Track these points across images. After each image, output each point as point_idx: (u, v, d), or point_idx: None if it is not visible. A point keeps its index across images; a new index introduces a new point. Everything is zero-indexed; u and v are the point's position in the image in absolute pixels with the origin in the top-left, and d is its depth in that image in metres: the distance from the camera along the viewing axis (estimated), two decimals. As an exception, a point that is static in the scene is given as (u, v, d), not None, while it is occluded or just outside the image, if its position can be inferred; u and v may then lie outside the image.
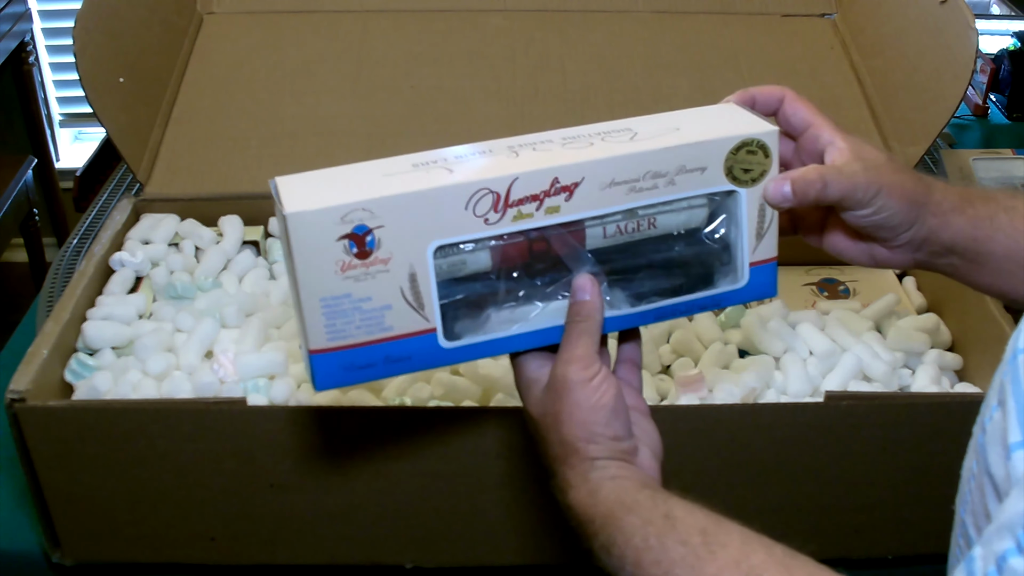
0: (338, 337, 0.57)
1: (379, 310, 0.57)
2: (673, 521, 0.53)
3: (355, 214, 0.55)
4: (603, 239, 0.61)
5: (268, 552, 0.82)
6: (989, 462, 0.47)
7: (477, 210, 0.57)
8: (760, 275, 0.63)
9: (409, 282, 0.57)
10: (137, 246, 0.99)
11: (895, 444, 0.78)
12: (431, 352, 0.59)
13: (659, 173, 0.60)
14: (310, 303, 0.56)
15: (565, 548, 0.82)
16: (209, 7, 1.24)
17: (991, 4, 1.84)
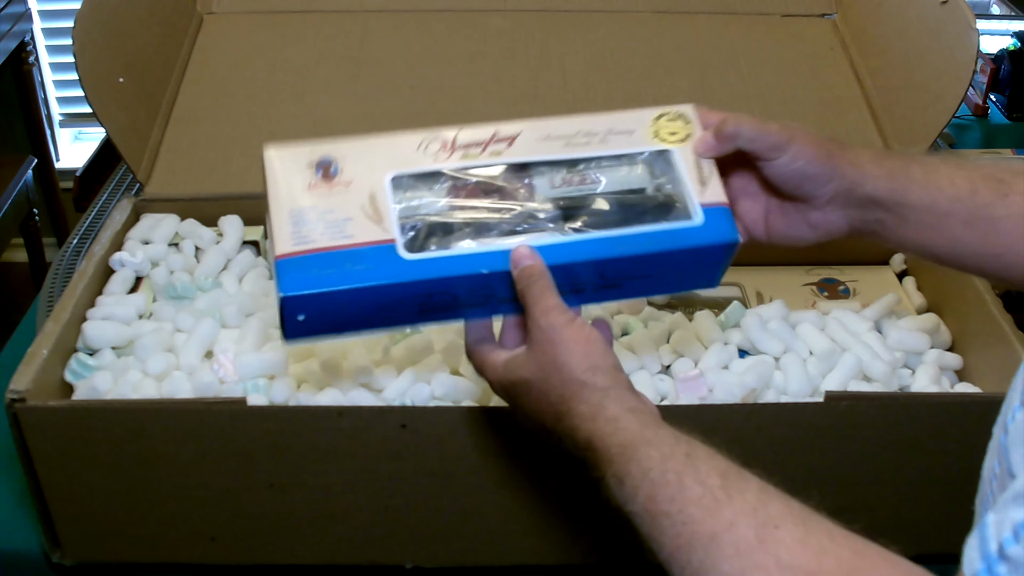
0: (302, 242, 0.61)
1: (341, 221, 0.62)
2: (693, 460, 0.53)
3: (321, 149, 0.65)
4: (551, 189, 0.65)
5: (268, 552, 0.82)
6: (1012, 462, 0.47)
7: (428, 150, 0.65)
8: (714, 216, 0.65)
9: (369, 200, 0.63)
10: (137, 246, 0.99)
11: (895, 444, 0.78)
12: (391, 262, 0.61)
13: (591, 132, 0.66)
14: (279, 215, 0.62)
15: (565, 548, 0.82)
16: (209, 7, 1.24)
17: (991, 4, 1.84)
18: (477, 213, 0.64)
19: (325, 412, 0.76)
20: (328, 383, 0.84)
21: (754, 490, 0.50)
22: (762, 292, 1.04)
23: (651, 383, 0.87)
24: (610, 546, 0.82)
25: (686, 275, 0.67)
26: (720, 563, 0.48)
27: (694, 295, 1.03)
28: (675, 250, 0.64)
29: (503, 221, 0.63)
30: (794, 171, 0.65)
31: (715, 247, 0.65)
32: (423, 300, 0.62)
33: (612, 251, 0.63)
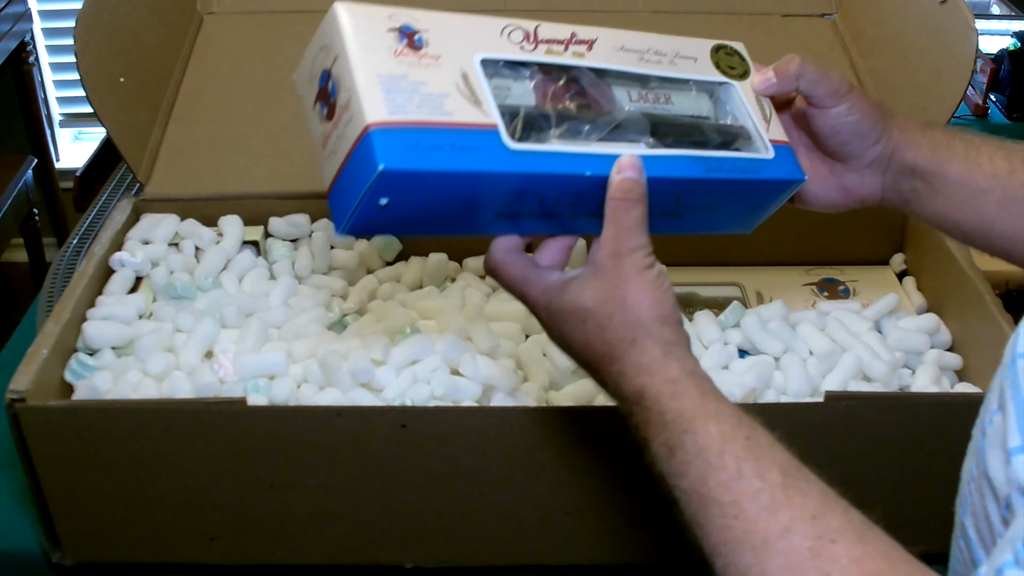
0: (399, 112, 0.53)
1: (437, 96, 0.54)
2: (755, 448, 0.49)
3: (400, 16, 0.56)
4: (630, 102, 0.62)
5: (268, 552, 0.82)
6: (988, 465, 0.47)
7: (512, 39, 0.59)
8: (782, 153, 0.64)
9: (462, 79, 0.56)
10: (137, 246, 0.99)
11: (895, 444, 0.78)
12: (497, 150, 0.55)
13: (660, 52, 0.64)
14: (367, 79, 0.53)
15: (565, 548, 0.82)
16: (209, 7, 1.24)
17: (991, 4, 1.84)
18: (568, 112, 0.60)
19: (325, 412, 0.76)
20: (328, 383, 0.84)
21: (815, 494, 0.47)
22: (762, 292, 1.04)
23: (651, 383, 0.87)
24: (610, 546, 0.82)
25: (739, 212, 0.66)
26: (770, 573, 0.45)
27: (694, 295, 1.03)
28: (749, 180, 0.62)
29: (594, 125, 0.60)
30: (847, 124, 0.64)
31: (783, 182, 0.64)
32: (512, 199, 0.57)
33: (696, 171, 0.61)
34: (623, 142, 0.60)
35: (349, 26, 0.56)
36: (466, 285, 1.00)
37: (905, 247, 1.07)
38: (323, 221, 1.05)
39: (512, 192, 0.56)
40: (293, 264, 1.02)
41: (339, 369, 0.83)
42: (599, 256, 0.57)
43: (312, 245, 1.03)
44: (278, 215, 1.05)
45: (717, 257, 1.07)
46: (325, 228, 1.04)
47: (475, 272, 1.04)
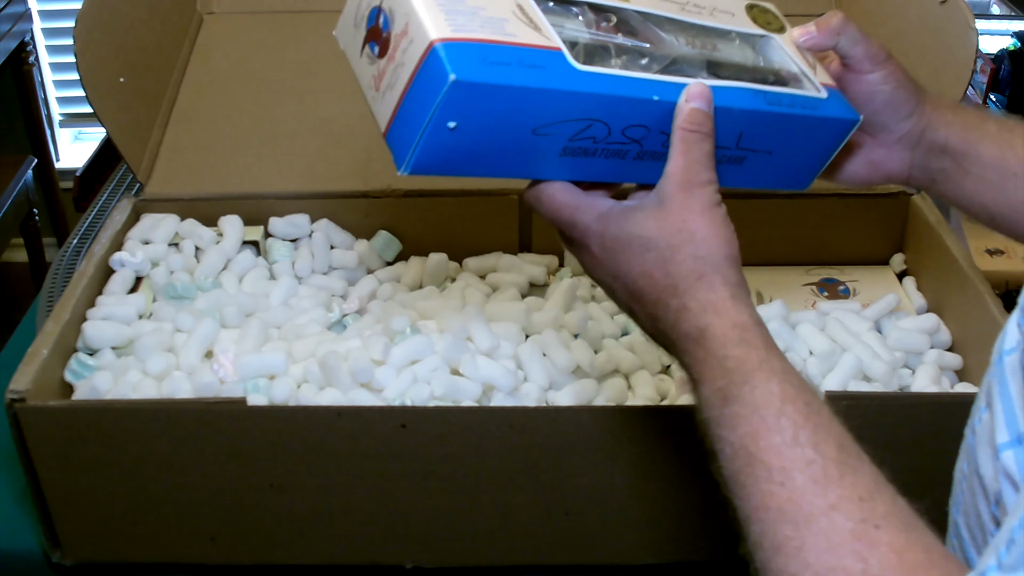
0: (462, 30, 0.51)
1: (496, 20, 0.53)
2: (815, 416, 0.47)
3: None
4: (683, 45, 0.61)
5: (268, 552, 0.82)
6: (979, 463, 0.46)
7: None
8: (834, 94, 0.62)
9: (517, 7, 0.55)
10: (137, 246, 0.99)
11: (895, 444, 0.78)
12: (564, 69, 0.53)
13: (699, 5, 0.63)
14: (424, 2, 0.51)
15: (565, 548, 0.82)
16: (209, 7, 1.24)
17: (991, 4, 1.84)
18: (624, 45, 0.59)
19: (325, 412, 0.76)
20: (328, 383, 0.84)
21: (868, 475, 0.45)
22: (762, 292, 1.04)
23: (651, 383, 0.87)
24: (610, 546, 0.82)
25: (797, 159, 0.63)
26: (807, 551, 0.43)
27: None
28: (809, 116, 0.61)
29: (652, 58, 0.59)
30: (881, 93, 0.62)
31: (841, 121, 0.62)
32: (580, 128, 0.54)
33: (758, 103, 0.59)
34: (684, 76, 0.58)
35: None
36: (466, 285, 1.00)
37: (905, 247, 1.08)
38: (323, 221, 1.05)
39: (581, 118, 0.54)
40: (293, 264, 1.02)
41: (339, 369, 0.83)
42: (667, 186, 0.54)
43: (312, 245, 1.03)
44: (278, 215, 1.05)
45: (717, 257, 1.07)
46: (325, 228, 1.04)
47: (475, 272, 1.04)
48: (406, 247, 1.06)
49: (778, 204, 1.06)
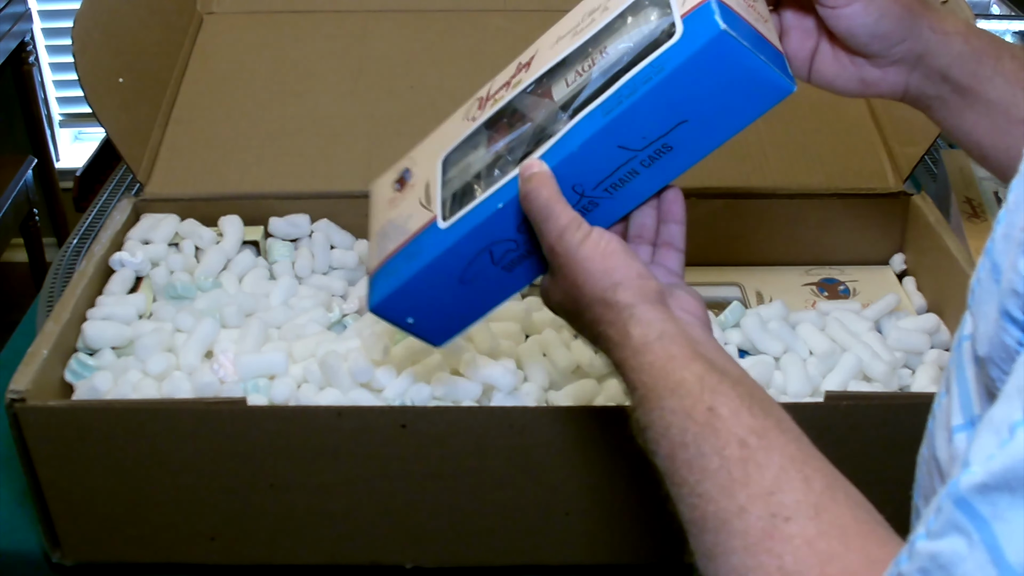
0: (382, 253, 0.66)
1: (405, 219, 0.65)
2: (715, 420, 0.47)
3: (403, 162, 0.70)
4: (567, 88, 0.60)
5: (268, 552, 0.82)
6: (936, 446, 0.47)
7: (468, 115, 0.66)
8: (695, 21, 0.55)
9: (424, 191, 0.66)
10: (137, 246, 0.99)
11: (895, 444, 0.78)
12: (435, 236, 0.62)
13: (593, 8, 0.62)
14: (372, 238, 0.69)
15: (565, 548, 0.82)
16: (209, 7, 1.24)
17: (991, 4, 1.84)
18: (503, 152, 0.62)
19: (325, 412, 0.76)
20: (328, 383, 0.84)
21: (774, 466, 0.45)
22: (762, 292, 1.04)
23: (651, 383, 0.87)
24: (610, 546, 0.82)
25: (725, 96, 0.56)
26: (729, 555, 0.44)
27: (694, 295, 1.03)
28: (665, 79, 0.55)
29: (519, 148, 0.60)
30: (863, 26, 0.58)
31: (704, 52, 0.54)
32: (488, 258, 0.62)
33: (607, 116, 0.56)
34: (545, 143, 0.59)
35: (372, 201, 0.71)
36: (466, 285, 1.00)
37: (905, 247, 1.07)
38: (323, 221, 1.05)
39: (474, 254, 0.62)
40: (293, 264, 1.02)
41: (339, 369, 0.83)
42: (545, 254, 0.58)
43: (312, 245, 1.03)
44: (278, 215, 1.05)
45: (717, 257, 1.07)
46: (325, 228, 1.04)
47: (475, 272, 1.04)
48: (406, 247, 1.06)
49: (778, 204, 1.06)
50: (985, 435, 0.33)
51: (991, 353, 0.39)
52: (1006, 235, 0.38)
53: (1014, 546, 0.31)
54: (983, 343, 0.40)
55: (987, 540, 0.31)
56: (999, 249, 0.39)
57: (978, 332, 0.40)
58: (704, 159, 0.61)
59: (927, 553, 0.34)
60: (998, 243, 0.39)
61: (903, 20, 0.58)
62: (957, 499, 0.33)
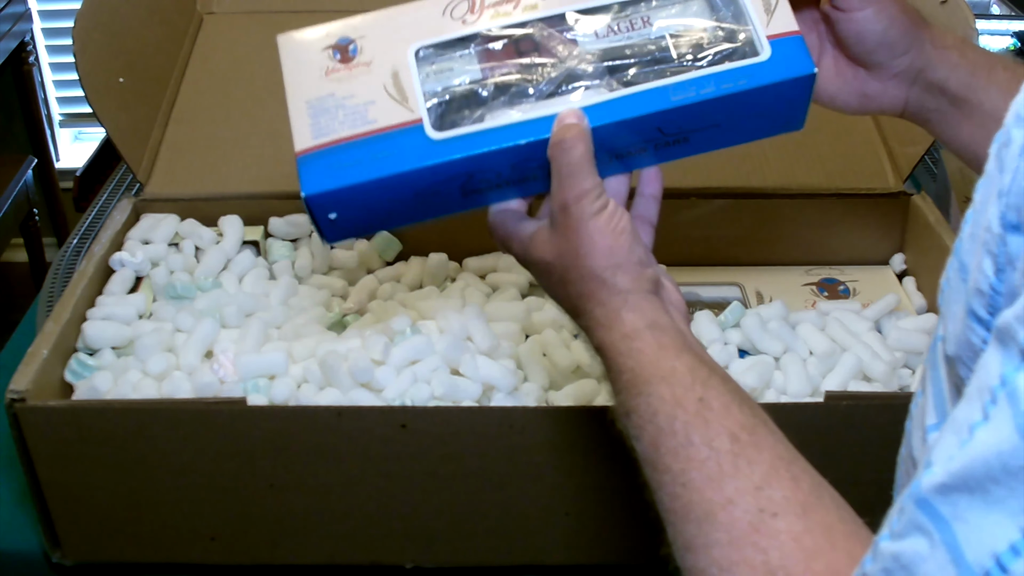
0: (323, 134, 0.57)
1: (362, 105, 0.57)
2: (707, 411, 0.48)
3: (337, 28, 0.60)
4: (597, 40, 0.59)
5: (268, 552, 0.82)
6: (912, 445, 0.47)
7: (454, 14, 0.59)
8: (784, 48, 0.57)
9: (392, 79, 0.58)
10: (137, 246, 0.99)
11: (895, 444, 0.78)
12: (419, 144, 0.56)
13: None
14: (296, 107, 0.58)
15: (565, 548, 0.82)
16: (209, 7, 1.24)
17: (991, 4, 1.84)
18: (510, 77, 0.58)
19: (325, 412, 0.76)
20: (328, 383, 0.84)
21: (764, 463, 0.46)
22: (762, 292, 1.04)
23: (651, 383, 0.87)
24: (610, 546, 0.82)
25: (762, 118, 0.60)
26: (711, 547, 0.44)
27: (694, 295, 1.03)
28: (741, 92, 0.57)
29: (541, 83, 0.58)
30: (873, 32, 0.59)
31: (787, 83, 0.57)
32: (463, 181, 0.57)
33: (668, 102, 0.56)
34: (577, 92, 0.57)
35: (286, 58, 0.61)
36: (466, 285, 1.00)
37: (905, 247, 1.07)
38: (323, 221, 1.05)
39: (455, 176, 0.57)
40: (293, 264, 1.02)
41: (339, 369, 0.83)
42: (552, 208, 0.56)
43: (312, 245, 1.03)
44: (278, 215, 1.05)
45: (717, 257, 1.07)
46: (325, 228, 1.04)
47: (475, 272, 1.04)
48: (406, 247, 1.06)
49: (778, 204, 1.06)
50: (948, 435, 0.33)
51: (959, 352, 0.39)
52: (972, 235, 0.39)
53: (973, 546, 0.31)
54: (951, 342, 0.40)
55: (947, 540, 0.31)
56: (966, 249, 0.39)
57: (947, 332, 0.41)
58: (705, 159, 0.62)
59: (890, 553, 0.34)
60: (965, 243, 0.40)
61: (909, 31, 0.60)
62: (918, 499, 0.33)
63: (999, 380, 0.31)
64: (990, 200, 0.37)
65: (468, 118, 0.57)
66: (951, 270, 0.41)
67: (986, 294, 0.36)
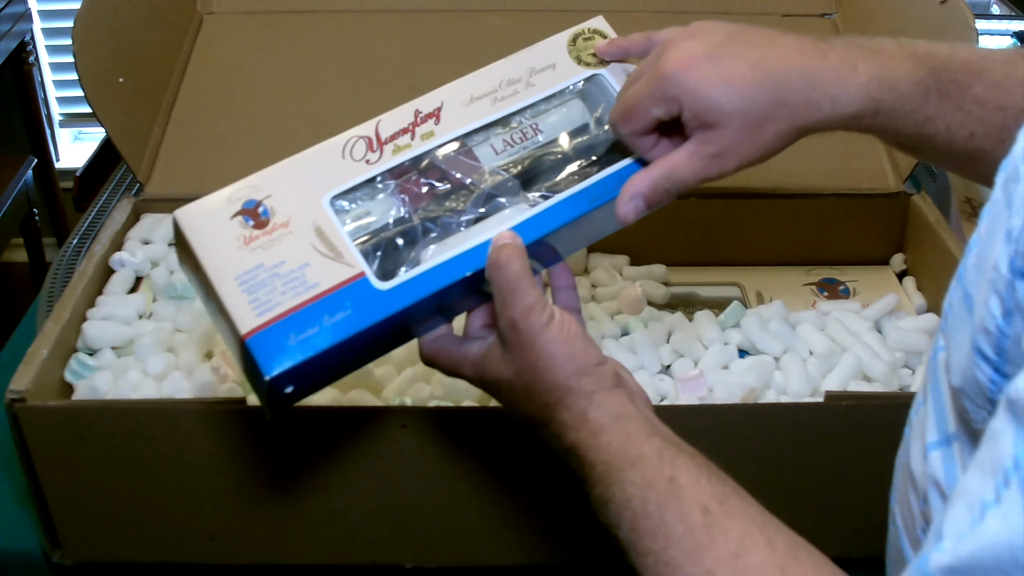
0: (267, 310, 0.53)
1: (298, 269, 0.54)
2: (677, 488, 0.49)
3: (239, 192, 0.56)
4: (496, 156, 0.60)
5: (268, 552, 0.82)
6: (911, 456, 0.47)
7: (355, 155, 0.58)
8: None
9: (317, 236, 0.55)
10: (137, 246, 1.00)
11: (895, 444, 0.78)
12: (370, 298, 0.55)
13: (513, 79, 0.61)
14: (226, 287, 0.54)
15: (565, 548, 0.82)
16: (209, 7, 1.24)
17: (991, 4, 1.84)
18: (433, 211, 0.59)
19: (325, 412, 0.76)
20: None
21: (738, 530, 0.47)
22: (762, 292, 1.04)
23: (651, 383, 0.87)
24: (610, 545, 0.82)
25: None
26: None
27: (694, 295, 1.03)
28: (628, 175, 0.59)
29: (463, 210, 0.59)
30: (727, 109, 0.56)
31: None
32: (409, 323, 0.58)
33: (586, 206, 0.58)
34: (498, 213, 0.59)
35: (193, 235, 0.56)
36: (466, 285, 1.00)
37: (905, 247, 1.07)
38: (323, 221, 1.05)
39: (407, 319, 0.57)
40: (293, 264, 1.02)
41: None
42: (500, 327, 0.56)
43: (312, 245, 1.03)
44: (278, 215, 1.05)
45: (717, 257, 1.07)
46: (325, 228, 1.04)
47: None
48: (406, 247, 1.06)
49: (778, 204, 1.06)
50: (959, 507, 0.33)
51: (964, 386, 0.39)
52: (977, 265, 0.38)
53: None
54: (956, 373, 0.40)
55: None
56: (971, 278, 0.39)
57: (951, 360, 0.40)
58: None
59: None
60: (970, 271, 0.39)
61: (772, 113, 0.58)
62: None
63: (1012, 461, 0.31)
64: (997, 236, 0.37)
65: (406, 260, 0.57)
66: (955, 296, 0.41)
67: (993, 334, 0.36)
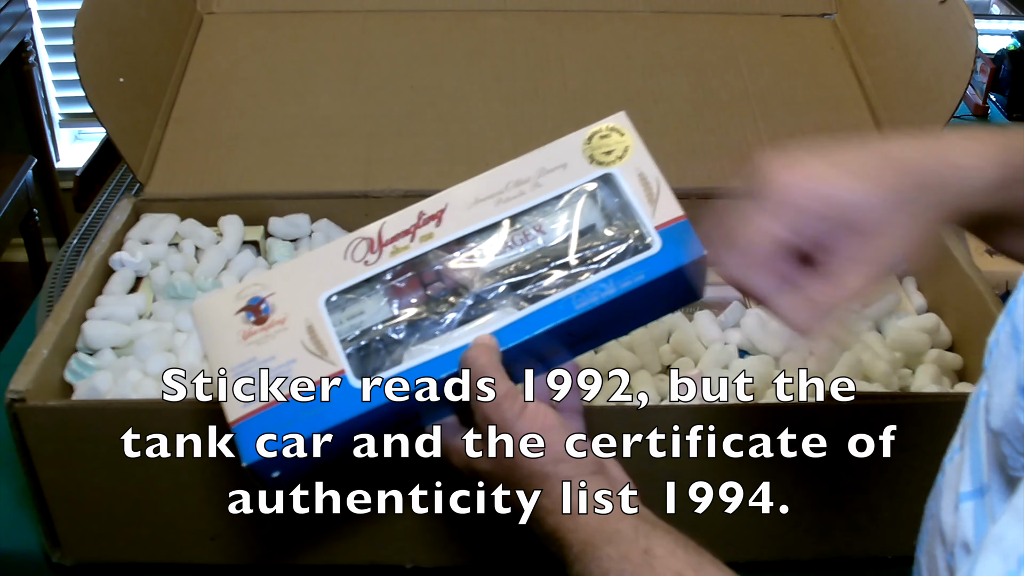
0: (254, 400, 0.59)
1: (286, 364, 0.59)
2: (651, 560, 0.51)
3: (248, 290, 0.61)
4: (495, 258, 0.61)
5: (268, 552, 0.82)
6: (941, 506, 0.46)
7: (355, 256, 0.61)
8: (673, 235, 0.60)
9: (308, 334, 0.59)
10: (137, 246, 1.00)
11: (895, 444, 0.78)
12: (346, 397, 0.58)
13: (521, 180, 0.61)
14: (222, 375, 0.60)
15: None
16: (209, 7, 1.24)
17: (991, 4, 1.84)
18: (421, 312, 0.60)
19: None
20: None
21: None
22: (762, 292, 1.04)
23: (651, 383, 0.87)
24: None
25: (666, 301, 0.63)
26: None
27: (694, 295, 1.03)
28: (639, 286, 0.59)
29: (451, 313, 0.60)
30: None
31: (682, 268, 0.60)
32: (394, 419, 0.60)
33: (573, 311, 0.59)
34: (485, 316, 0.59)
35: (201, 328, 0.61)
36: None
37: (905, 247, 1.07)
38: (323, 221, 1.05)
39: (385, 417, 0.59)
40: (293, 264, 1.02)
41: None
42: (476, 421, 0.58)
43: (312, 245, 1.03)
44: (278, 215, 1.05)
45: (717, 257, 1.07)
46: (325, 228, 1.04)
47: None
48: (406, 247, 1.06)
49: (778, 204, 1.05)
50: (993, 556, 0.32)
51: (1004, 429, 0.37)
52: None
53: None
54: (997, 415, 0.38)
55: None
56: (1021, 314, 0.37)
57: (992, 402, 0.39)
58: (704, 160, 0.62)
59: None
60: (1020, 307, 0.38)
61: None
62: None
63: None
64: None
65: (388, 360, 0.59)
66: (1002, 332, 0.39)
67: None
